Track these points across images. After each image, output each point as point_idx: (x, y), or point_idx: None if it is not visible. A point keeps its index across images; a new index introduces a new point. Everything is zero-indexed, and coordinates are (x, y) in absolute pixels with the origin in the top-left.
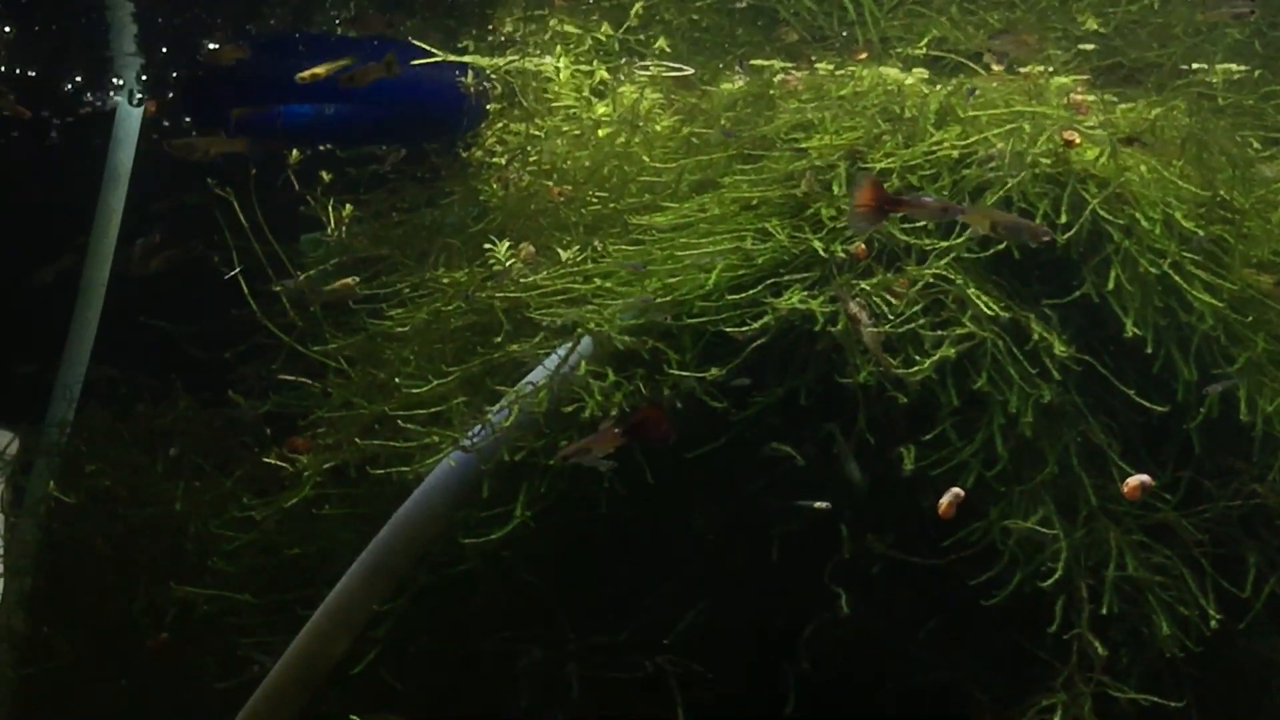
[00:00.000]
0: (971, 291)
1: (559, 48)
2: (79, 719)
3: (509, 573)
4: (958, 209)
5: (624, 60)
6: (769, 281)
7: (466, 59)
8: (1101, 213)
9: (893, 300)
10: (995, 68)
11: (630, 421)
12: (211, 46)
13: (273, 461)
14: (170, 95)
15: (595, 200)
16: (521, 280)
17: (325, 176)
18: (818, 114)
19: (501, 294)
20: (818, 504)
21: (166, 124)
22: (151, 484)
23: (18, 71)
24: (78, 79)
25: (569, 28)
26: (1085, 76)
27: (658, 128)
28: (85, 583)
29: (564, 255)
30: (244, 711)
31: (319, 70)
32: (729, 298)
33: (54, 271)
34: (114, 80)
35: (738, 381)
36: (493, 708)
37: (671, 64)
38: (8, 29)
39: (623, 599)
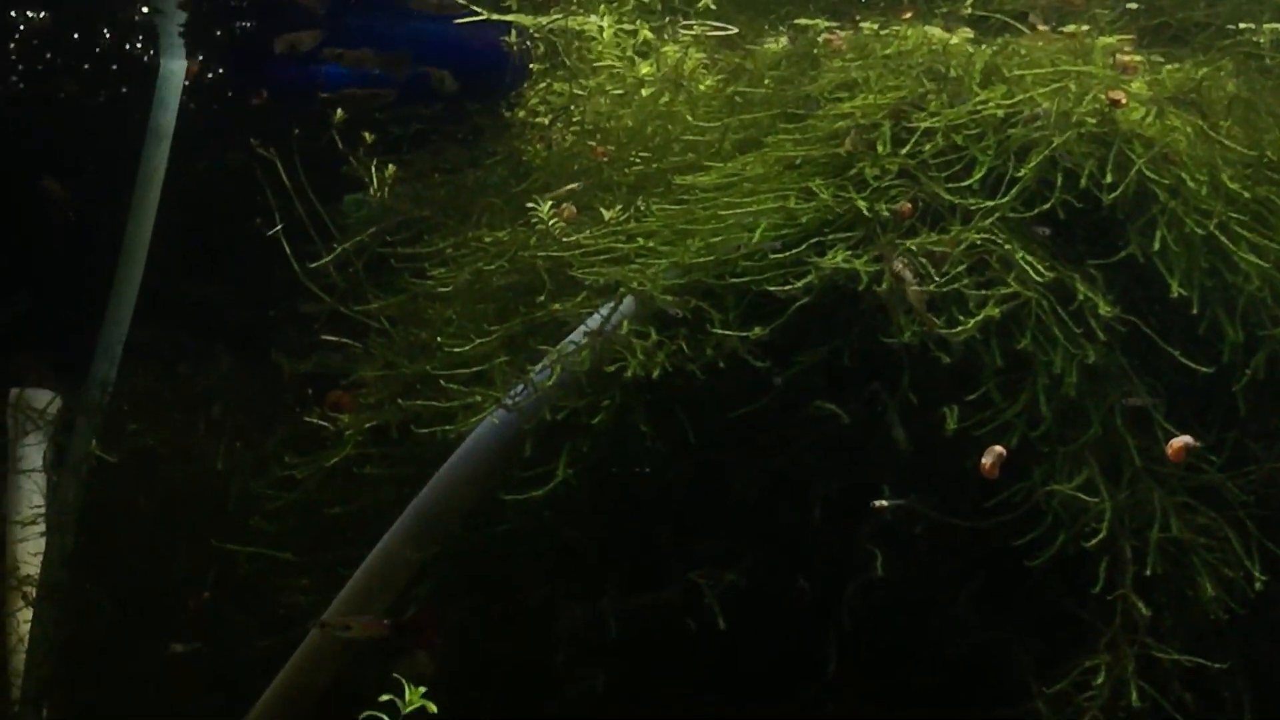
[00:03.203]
0: (1015, 251)
1: (602, 6)
2: (121, 677)
3: (550, 532)
4: None
5: (667, 19)
6: (813, 240)
7: (510, 18)
8: (1148, 173)
9: (937, 260)
10: (1040, 27)
11: (404, 623)
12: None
13: (314, 421)
14: (212, 54)
15: (638, 160)
16: (564, 240)
17: (368, 137)
18: (862, 73)
19: (544, 253)
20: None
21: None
22: (193, 443)
23: (62, 29)
24: (120, 37)
25: None
26: (1131, 36)
27: (701, 87)
28: (127, 542)
29: (607, 215)
30: (286, 669)
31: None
32: (772, 257)
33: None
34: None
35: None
36: (533, 665)
37: (715, 23)
38: None
39: (663, 559)
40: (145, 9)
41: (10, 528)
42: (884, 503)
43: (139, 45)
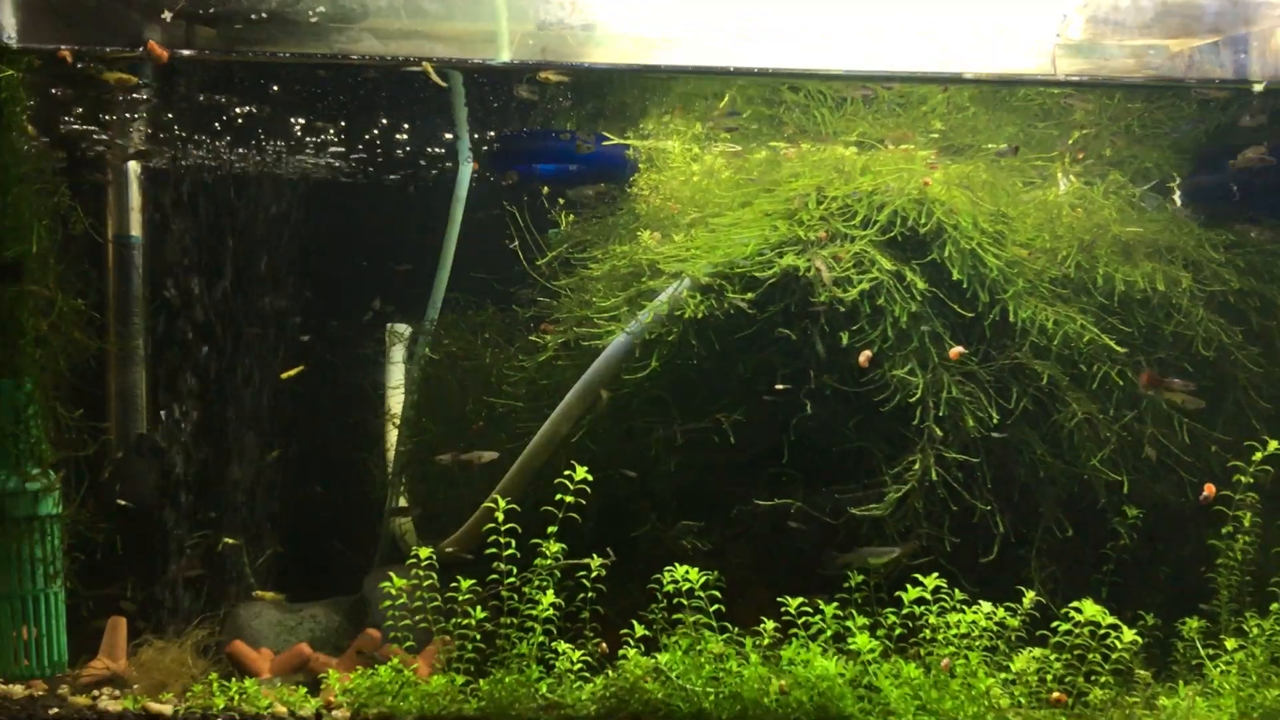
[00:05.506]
0: (876, 256)
1: (674, 136)
2: (441, 471)
3: (649, 394)
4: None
5: (707, 141)
6: (777, 249)
7: (629, 141)
8: (942, 218)
9: (839, 260)
10: (890, 147)
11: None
12: None
13: (534, 339)
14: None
15: (691, 212)
16: (655, 250)
17: (561, 200)
18: (802, 168)
19: (644, 257)
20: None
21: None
22: (474, 350)
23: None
24: (433, 151)
25: (680, 125)
26: (933, 150)
27: (723, 176)
28: (441, 398)
29: (676, 238)
30: (517, 462)
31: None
32: (758, 258)
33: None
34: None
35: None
36: (642, 465)
37: (731, 145)
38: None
39: (709, 408)
40: (449, 136)
41: (389, 391)
42: (781, 386)
43: (443, 155)
